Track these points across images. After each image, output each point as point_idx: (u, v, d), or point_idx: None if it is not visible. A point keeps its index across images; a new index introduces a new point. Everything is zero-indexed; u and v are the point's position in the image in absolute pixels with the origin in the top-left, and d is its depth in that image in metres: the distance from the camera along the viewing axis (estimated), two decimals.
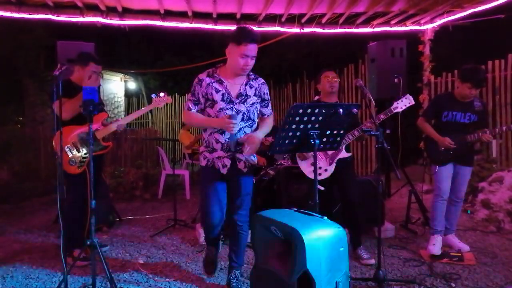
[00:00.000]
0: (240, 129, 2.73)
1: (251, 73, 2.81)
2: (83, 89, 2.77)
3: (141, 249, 3.87)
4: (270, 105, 2.92)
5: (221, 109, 2.70)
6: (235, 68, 2.68)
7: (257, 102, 2.82)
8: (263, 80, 2.87)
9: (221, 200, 2.82)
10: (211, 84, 2.72)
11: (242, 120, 2.73)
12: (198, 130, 11.75)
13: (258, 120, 2.91)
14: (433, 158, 3.65)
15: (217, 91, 2.71)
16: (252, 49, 2.61)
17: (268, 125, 2.88)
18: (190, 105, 2.78)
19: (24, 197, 6.47)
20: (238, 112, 2.71)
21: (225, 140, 2.72)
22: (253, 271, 2.60)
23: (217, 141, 2.75)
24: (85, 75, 3.45)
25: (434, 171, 3.62)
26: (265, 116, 2.91)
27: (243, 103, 2.74)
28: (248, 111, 2.76)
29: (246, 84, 2.77)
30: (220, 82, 2.73)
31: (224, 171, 2.75)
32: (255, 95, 2.80)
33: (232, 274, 2.92)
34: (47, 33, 10.12)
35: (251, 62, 2.65)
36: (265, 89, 2.87)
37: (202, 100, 2.75)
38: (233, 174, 2.78)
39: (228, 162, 2.75)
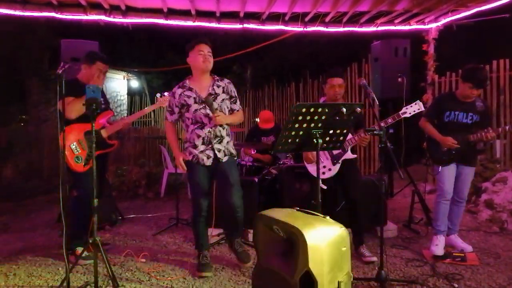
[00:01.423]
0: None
1: (216, 76, 3.28)
2: (86, 87, 2.77)
3: (143, 248, 3.87)
4: (238, 101, 3.35)
5: (196, 110, 3.15)
6: (199, 67, 3.15)
7: (226, 99, 3.25)
8: (228, 80, 3.34)
9: (208, 189, 3.22)
10: (182, 93, 3.19)
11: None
12: None
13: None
14: (436, 158, 3.63)
15: (189, 96, 3.17)
16: (204, 47, 3.14)
17: (237, 116, 3.32)
18: (167, 115, 3.30)
19: (27, 195, 6.50)
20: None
21: (205, 134, 3.15)
22: (255, 270, 2.60)
23: (198, 136, 3.16)
24: (92, 74, 3.46)
25: (436, 172, 3.61)
26: (235, 111, 3.32)
27: (214, 100, 3.15)
28: (220, 106, 3.17)
29: (213, 85, 3.22)
30: (190, 89, 3.20)
31: (208, 162, 3.16)
32: (223, 92, 3.24)
33: (235, 243, 3.35)
34: (51, 32, 10.15)
35: (210, 59, 3.15)
36: (232, 87, 3.32)
37: (176, 109, 3.23)
38: (217, 164, 3.18)
39: (211, 153, 3.17)
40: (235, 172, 3.25)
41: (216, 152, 3.16)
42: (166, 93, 3.87)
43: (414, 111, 3.34)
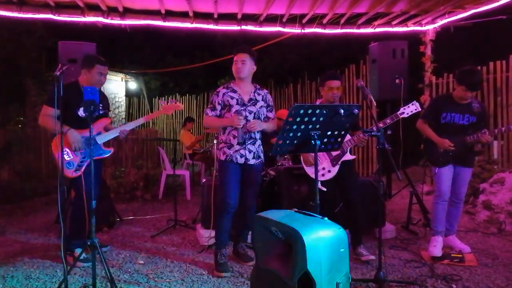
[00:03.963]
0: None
1: (257, 85, 3.53)
2: (84, 89, 2.76)
3: (141, 250, 3.87)
4: (273, 110, 3.58)
5: (236, 111, 3.34)
6: (234, 75, 3.43)
7: (264, 106, 3.48)
8: (267, 91, 3.61)
9: (237, 186, 3.38)
10: (226, 93, 3.40)
11: (253, 118, 3.38)
12: (199, 131, 11.77)
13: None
14: (433, 160, 3.64)
15: (232, 97, 3.39)
16: (238, 56, 3.39)
17: (271, 124, 3.53)
18: (207, 111, 3.47)
19: (25, 197, 6.47)
20: (250, 112, 3.36)
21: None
22: (254, 272, 2.60)
23: (234, 137, 3.36)
24: (93, 78, 3.45)
25: (434, 173, 3.62)
26: (270, 119, 3.54)
27: (253, 105, 3.41)
28: (258, 112, 3.42)
29: (254, 92, 3.46)
30: (234, 91, 3.42)
31: (241, 161, 3.36)
32: (262, 100, 3.47)
33: (239, 245, 3.61)
34: (49, 33, 10.14)
35: (242, 67, 3.37)
36: (270, 97, 3.58)
37: (218, 107, 3.42)
38: (247, 165, 3.39)
39: (244, 152, 3.36)
40: (259, 177, 3.60)
41: (247, 152, 3.37)
42: (171, 100, 3.87)
43: (412, 111, 3.37)
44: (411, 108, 3.37)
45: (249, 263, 3.38)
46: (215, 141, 3.52)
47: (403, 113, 3.37)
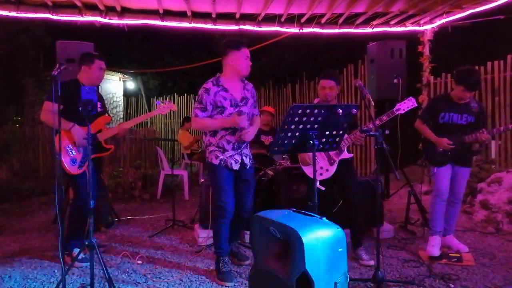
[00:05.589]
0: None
1: (244, 80, 3.24)
2: (82, 89, 2.76)
3: (139, 250, 3.86)
4: (257, 105, 3.37)
5: (230, 113, 3.09)
6: (241, 71, 3.11)
7: (252, 103, 3.25)
8: (251, 84, 3.31)
9: (232, 191, 3.20)
10: (218, 92, 3.08)
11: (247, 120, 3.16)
12: (197, 131, 11.76)
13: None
14: (431, 159, 3.65)
15: (225, 98, 3.09)
16: (247, 52, 3.12)
17: (257, 123, 3.31)
18: (197, 112, 3.10)
19: (23, 196, 6.47)
20: (244, 113, 3.12)
21: (235, 139, 3.12)
22: (252, 272, 2.60)
23: (228, 142, 3.13)
24: (94, 73, 3.47)
25: (432, 172, 3.62)
26: (255, 116, 3.31)
27: (245, 105, 3.17)
28: (249, 111, 3.20)
29: (244, 88, 3.20)
30: (225, 90, 3.10)
31: (236, 166, 3.15)
32: (251, 96, 3.24)
33: (232, 244, 3.45)
34: (46, 32, 10.13)
35: (250, 63, 3.14)
36: (255, 91, 3.33)
37: (209, 107, 3.08)
38: (242, 169, 3.20)
39: (239, 157, 3.16)
40: (253, 180, 3.47)
41: (244, 157, 3.19)
42: (166, 101, 3.88)
43: (408, 107, 3.36)
44: (407, 104, 3.36)
45: (245, 262, 3.37)
46: None
47: (399, 109, 3.36)
